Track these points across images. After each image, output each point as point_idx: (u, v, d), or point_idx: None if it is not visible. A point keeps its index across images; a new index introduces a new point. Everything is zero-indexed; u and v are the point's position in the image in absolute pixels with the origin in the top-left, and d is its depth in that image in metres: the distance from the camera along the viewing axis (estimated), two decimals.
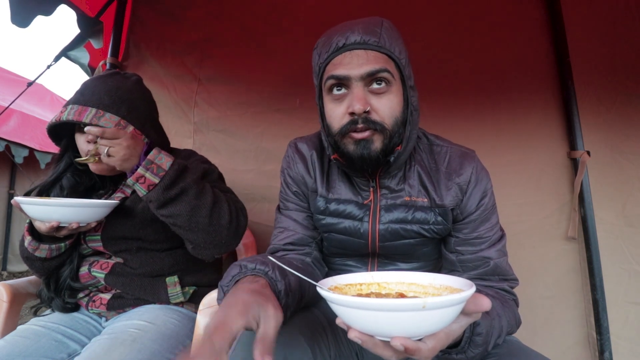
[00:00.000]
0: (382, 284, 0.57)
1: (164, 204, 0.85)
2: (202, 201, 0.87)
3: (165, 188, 0.84)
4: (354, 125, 0.69)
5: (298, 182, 0.87)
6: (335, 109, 0.72)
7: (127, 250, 1.01)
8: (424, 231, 0.79)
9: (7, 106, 2.02)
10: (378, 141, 0.70)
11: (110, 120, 0.93)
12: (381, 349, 0.45)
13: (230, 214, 0.92)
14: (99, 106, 0.93)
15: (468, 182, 0.78)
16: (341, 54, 0.70)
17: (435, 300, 0.40)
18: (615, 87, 1.53)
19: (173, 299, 1.01)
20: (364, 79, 0.69)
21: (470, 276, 0.77)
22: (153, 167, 0.83)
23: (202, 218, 0.87)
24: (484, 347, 0.59)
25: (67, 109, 0.94)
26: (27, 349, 0.87)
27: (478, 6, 1.63)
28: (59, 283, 1.00)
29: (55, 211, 0.84)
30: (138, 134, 0.98)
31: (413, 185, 0.80)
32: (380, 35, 0.70)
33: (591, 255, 1.45)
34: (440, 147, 0.83)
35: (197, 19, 1.73)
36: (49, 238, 0.93)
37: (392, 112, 0.70)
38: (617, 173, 1.50)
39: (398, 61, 0.71)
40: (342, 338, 0.77)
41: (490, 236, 0.78)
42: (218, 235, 0.90)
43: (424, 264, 0.86)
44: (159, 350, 0.87)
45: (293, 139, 0.92)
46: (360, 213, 0.80)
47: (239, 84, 1.68)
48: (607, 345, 1.40)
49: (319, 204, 0.83)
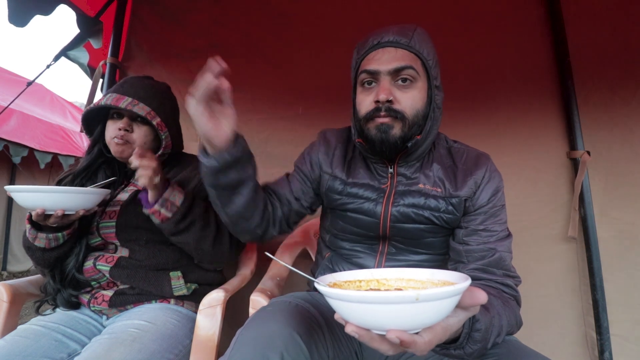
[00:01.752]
0: (382, 281, 0.58)
1: (175, 234, 0.98)
2: (206, 232, 1.00)
3: (176, 223, 0.95)
4: (378, 112, 0.78)
5: (313, 163, 0.95)
6: (364, 98, 0.82)
7: (136, 241, 1.04)
8: (434, 218, 0.83)
9: (7, 106, 2.03)
10: (397, 128, 0.78)
11: (143, 109, 1.03)
12: (378, 343, 0.46)
13: (231, 240, 1.04)
14: (135, 96, 1.04)
15: (482, 177, 0.83)
16: (375, 50, 0.80)
17: (428, 293, 0.40)
18: (616, 87, 1.53)
19: (176, 291, 1.04)
20: (391, 73, 0.78)
21: (474, 266, 0.78)
22: (167, 204, 0.94)
23: (207, 246, 1.00)
24: (483, 344, 0.59)
25: (107, 96, 1.04)
26: (27, 348, 0.87)
27: (477, 6, 1.63)
28: (65, 274, 1.01)
29: (37, 197, 0.86)
30: (162, 125, 1.06)
31: (429, 176, 0.86)
32: (412, 37, 0.79)
33: (591, 255, 1.45)
34: (457, 149, 0.91)
35: (200, 24, 1.74)
36: (48, 228, 0.95)
37: (413, 104, 0.79)
38: (618, 173, 1.50)
39: (425, 61, 0.80)
40: (340, 338, 0.77)
41: (498, 231, 0.80)
42: (220, 256, 1.05)
43: (432, 256, 0.87)
44: (159, 350, 0.88)
45: (323, 129, 1.01)
46: (375, 195, 0.86)
47: (244, 92, 1.69)
48: (607, 345, 1.40)
49: (336, 186, 0.90)
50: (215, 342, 0.96)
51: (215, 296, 0.99)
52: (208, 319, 0.97)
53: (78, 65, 1.78)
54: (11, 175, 4.15)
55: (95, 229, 1.05)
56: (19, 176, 4.18)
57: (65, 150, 4.18)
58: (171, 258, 1.06)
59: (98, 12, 1.66)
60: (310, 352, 0.64)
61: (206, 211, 1.02)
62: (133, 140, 1.05)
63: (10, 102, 1.93)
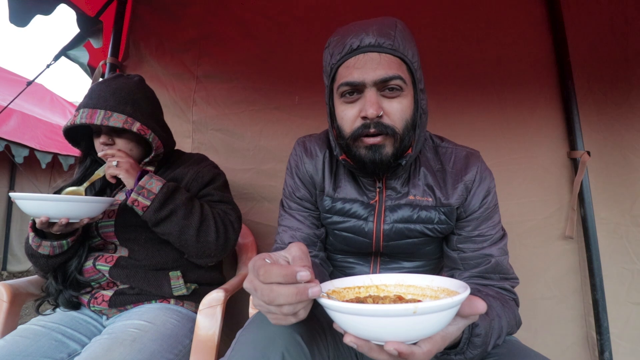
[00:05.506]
0: (381, 287, 0.57)
1: (157, 223, 0.96)
2: (189, 221, 0.98)
3: (155, 210, 0.95)
4: (366, 129, 0.70)
5: (306, 181, 0.87)
6: (347, 112, 0.72)
7: (135, 240, 1.04)
8: (428, 230, 0.80)
9: (6, 105, 2.02)
10: (389, 146, 0.71)
11: (118, 119, 0.99)
12: (377, 353, 0.45)
13: (217, 232, 1.01)
14: (107, 107, 1.00)
15: (473, 180, 0.79)
16: (354, 56, 0.70)
17: (426, 306, 0.40)
18: (615, 86, 1.53)
19: (176, 290, 1.04)
20: (377, 84, 0.69)
21: (471, 274, 0.77)
22: (144, 191, 0.94)
23: (190, 236, 0.98)
24: (483, 348, 0.59)
25: (79, 113, 1.00)
26: (27, 348, 0.87)
27: (477, 7, 1.63)
28: (67, 275, 1.02)
29: (43, 206, 0.86)
30: (144, 129, 1.02)
31: (418, 186, 0.81)
32: (395, 37, 0.69)
33: (591, 255, 1.45)
34: (445, 149, 0.85)
35: (195, 16, 1.72)
36: (52, 235, 0.95)
37: (403, 116, 0.71)
38: (619, 173, 1.50)
39: (410, 65, 0.71)
40: (340, 339, 0.77)
41: (492, 234, 0.78)
42: (206, 249, 1.01)
43: (426, 262, 0.86)
44: (159, 350, 0.88)
45: (301, 137, 0.92)
46: (365, 213, 0.82)
47: (237, 82, 1.68)
48: (607, 345, 1.40)
49: (325, 203, 0.84)
50: (215, 342, 0.95)
51: (215, 296, 0.99)
52: (208, 319, 0.97)
53: (78, 64, 1.78)
54: (11, 176, 4.15)
55: (95, 228, 1.05)
56: (19, 176, 4.17)
57: (65, 150, 4.17)
58: (171, 258, 1.06)
59: (98, 12, 1.65)
60: (312, 352, 0.63)
61: (190, 200, 1.00)
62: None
63: (10, 102, 1.92)
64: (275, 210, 0.93)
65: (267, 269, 0.44)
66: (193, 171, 1.11)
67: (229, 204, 1.12)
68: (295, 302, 0.44)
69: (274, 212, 0.94)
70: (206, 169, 1.14)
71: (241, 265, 1.33)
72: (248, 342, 0.61)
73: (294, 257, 0.49)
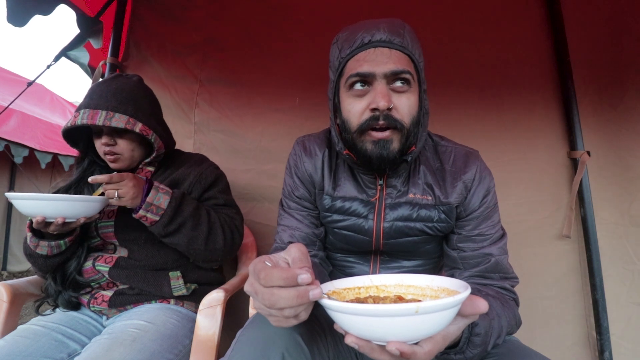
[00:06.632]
0: (381, 287, 0.57)
1: (165, 236, 0.97)
2: (198, 232, 0.99)
3: (164, 225, 0.95)
4: (375, 121, 0.69)
5: (305, 180, 0.87)
6: (355, 105, 0.72)
7: (135, 241, 1.04)
8: (428, 229, 0.80)
9: (7, 106, 2.03)
10: (396, 141, 0.71)
11: (120, 120, 0.98)
12: (378, 354, 0.46)
13: (225, 238, 1.03)
14: (108, 108, 0.99)
15: (472, 179, 0.79)
16: (365, 50, 0.70)
17: (428, 305, 0.40)
18: (615, 86, 1.53)
19: (175, 291, 1.03)
20: (388, 76, 0.69)
21: (471, 273, 0.77)
22: (152, 207, 0.94)
23: (199, 246, 0.99)
24: (483, 347, 0.59)
25: (80, 113, 0.99)
26: (27, 348, 0.87)
27: (477, 7, 1.63)
28: (66, 276, 1.01)
29: (38, 205, 0.86)
30: (146, 129, 1.02)
31: (418, 184, 0.81)
32: (404, 36, 0.71)
33: (591, 255, 1.45)
34: (444, 147, 0.85)
35: (198, 20, 1.73)
36: (50, 235, 0.94)
37: (410, 111, 0.71)
38: (620, 173, 1.50)
39: (417, 64, 0.72)
40: (340, 339, 0.77)
41: (492, 234, 0.79)
42: (214, 255, 1.03)
43: (426, 261, 0.86)
44: (159, 350, 0.88)
45: (300, 137, 0.92)
46: (365, 211, 0.82)
47: (240, 86, 1.69)
48: (607, 345, 1.40)
49: (325, 202, 0.84)
50: (215, 342, 0.95)
51: (215, 296, 0.99)
52: (208, 319, 0.97)
53: (78, 65, 1.78)
54: (11, 176, 4.14)
55: (94, 229, 1.04)
56: (19, 176, 4.17)
57: (65, 151, 4.17)
58: (170, 258, 1.06)
59: (98, 12, 1.65)
60: (312, 352, 0.63)
61: (197, 209, 1.00)
62: (121, 151, 1.03)
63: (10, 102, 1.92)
64: (276, 210, 0.93)
65: (267, 273, 0.44)
66: (195, 173, 1.11)
67: (233, 208, 1.13)
68: (297, 305, 0.44)
69: (274, 212, 0.94)
70: (208, 170, 1.14)
71: (241, 266, 1.33)
72: (248, 342, 0.61)
73: (294, 259, 0.49)
